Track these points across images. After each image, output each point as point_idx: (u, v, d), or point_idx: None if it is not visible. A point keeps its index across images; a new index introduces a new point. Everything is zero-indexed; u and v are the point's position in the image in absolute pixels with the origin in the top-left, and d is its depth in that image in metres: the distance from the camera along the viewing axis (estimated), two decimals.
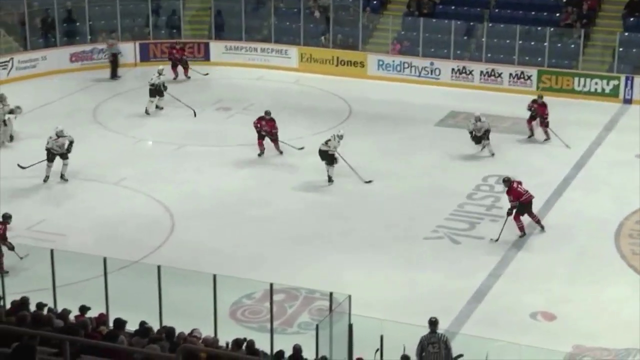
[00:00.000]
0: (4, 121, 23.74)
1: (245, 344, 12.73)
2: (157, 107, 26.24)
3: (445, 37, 29.95)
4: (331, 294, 13.94)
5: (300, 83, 29.83)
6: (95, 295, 14.70)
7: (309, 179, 21.97)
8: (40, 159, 21.31)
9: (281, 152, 22.98)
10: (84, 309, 13.11)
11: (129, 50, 31.11)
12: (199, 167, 22.36)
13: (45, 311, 13.42)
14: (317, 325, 13.45)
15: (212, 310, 14.42)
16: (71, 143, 21.22)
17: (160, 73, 26.35)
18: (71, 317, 12.90)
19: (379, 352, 12.81)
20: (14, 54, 29.68)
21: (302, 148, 22.75)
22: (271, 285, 14.56)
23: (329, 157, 21.48)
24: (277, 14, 31.73)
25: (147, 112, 26.04)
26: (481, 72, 29.29)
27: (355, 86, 29.14)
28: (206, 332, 13.77)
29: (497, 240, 18.76)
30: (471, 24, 30.45)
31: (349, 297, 13.57)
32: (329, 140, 21.62)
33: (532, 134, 24.61)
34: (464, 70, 29.49)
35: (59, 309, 14.06)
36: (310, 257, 18.24)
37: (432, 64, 29.79)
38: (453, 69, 29.59)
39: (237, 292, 16.20)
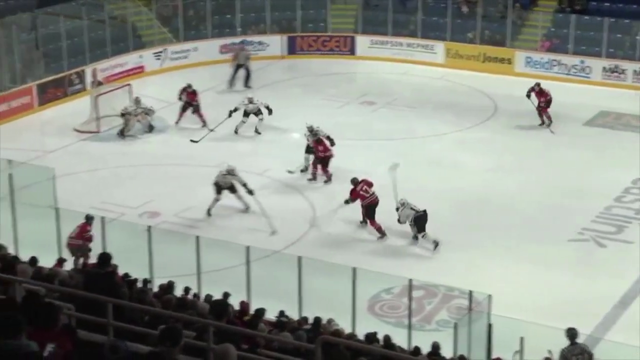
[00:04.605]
0: (138, 116, 24.49)
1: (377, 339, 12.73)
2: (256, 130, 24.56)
3: (598, 34, 29.11)
4: (471, 292, 13.80)
5: (445, 79, 29.57)
6: (237, 282, 15.03)
7: (448, 175, 21.78)
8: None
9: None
10: (226, 296, 13.39)
11: (276, 42, 31.60)
12: (343, 160, 22.44)
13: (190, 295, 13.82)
14: (455, 324, 13.35)
15: (350, 303, 14.52)
16: (245, 185, 19.76)
17: (250, 101, 24.20)
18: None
19: (518, 354, 12.58)
20: (168, 45, 30.62)
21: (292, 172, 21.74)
22: (410, 281, 14.54)
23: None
24: (425, 8, 31.54)
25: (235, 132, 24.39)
26: (634, 71, 28.32)
27: (501, 83, 28.67)
28: (343, 324, 13.88)
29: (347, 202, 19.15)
30: (626, 21, 29.46)
31: (489, 296, 13.39)
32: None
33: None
34: (616, 69, 28.58)
35: (203, 294, 14.47)
36: (449, 255, 18.08)
37: (582, 62, 29.01)
38: (604, 68, 28.72)
39: (376, 286, 16.23)
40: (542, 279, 17.16)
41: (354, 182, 19.33)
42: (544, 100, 24.82)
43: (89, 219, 17.09)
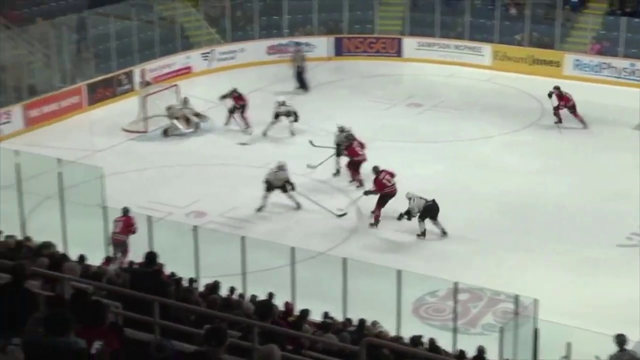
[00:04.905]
0: (188, 119, 24.72)
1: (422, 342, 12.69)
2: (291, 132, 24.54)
3: None
4: (517, 296, 13.70)
5: (492, 81, 29.36)
6: (282, 283, 15.06)
7: (494, 178, 21.64)
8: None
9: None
10: (271, 296, 13.41)
11: (323, 44, 31.61)
12: (388, 162, 22.29)
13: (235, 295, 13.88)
14: (501, 328, 13.26)
15: (395, 305, 14.48)
16: (288, 182, 20.08)
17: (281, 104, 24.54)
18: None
19: None
20: (215, 46, 30.79)
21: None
22: (456, 284, 14.47)
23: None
24: (472, 10, 31.36)
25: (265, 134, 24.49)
26: None
27: (549, 86, 28.25)
28: (388, 326, 13.85)
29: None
30: None
31: (536, 300, 13.27)
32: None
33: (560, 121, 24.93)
34: None
35: (248, 294, 14.52)
36: (495, 257, 17.95)
37: (632, 64, 28.65)
38: None
39: (420, 288, 16.16)
40: (590, 283, 16.96)
41: (376, 170, 19.58)
42: (563, 103, 24.86)
43: (126, 211, 17.46)
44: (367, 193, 19.64)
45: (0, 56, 25.72)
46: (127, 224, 17.35)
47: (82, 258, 13.92)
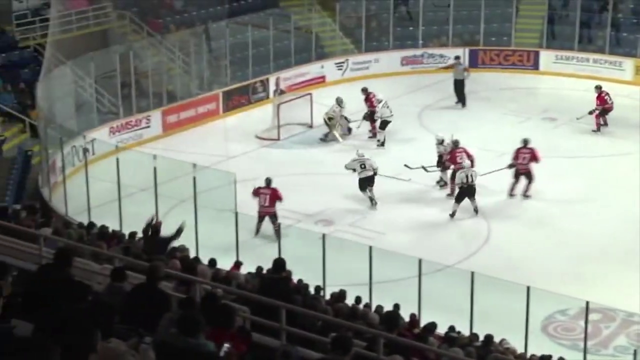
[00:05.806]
0: (339, 121, 25.02)
1: None
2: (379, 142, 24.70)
3: None
4: None
5: (632, 97, 28.40)
6: (408, 294, 15.01)
7: (635, 196, 20.96)
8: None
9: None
10: (397, 308, 13.39)
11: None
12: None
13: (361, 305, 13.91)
14: (635, 350, 12.88)
15: (523, 322, 14.24)
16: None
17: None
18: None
19: None
20: (349, 56, 30.97)
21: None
22: (587, 303, 14.13)
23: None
24: (614, 23, 30.52)
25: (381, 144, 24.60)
26: None
27: None
28: (515, 343, 13.63)
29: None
30: None
31: None
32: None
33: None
34: None
35: (374, 304, 14.54)
36: (633, 278, 17.37)
37: None
38: None
39: (550, 306, 15.83)
40: None
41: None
42: (599, 103, 25.06)
43: (270, 182, 19.14)
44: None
45: (142, 63, 26.56)
46: (274, 195, 18.89)
47: (212, 262, 14.23)
